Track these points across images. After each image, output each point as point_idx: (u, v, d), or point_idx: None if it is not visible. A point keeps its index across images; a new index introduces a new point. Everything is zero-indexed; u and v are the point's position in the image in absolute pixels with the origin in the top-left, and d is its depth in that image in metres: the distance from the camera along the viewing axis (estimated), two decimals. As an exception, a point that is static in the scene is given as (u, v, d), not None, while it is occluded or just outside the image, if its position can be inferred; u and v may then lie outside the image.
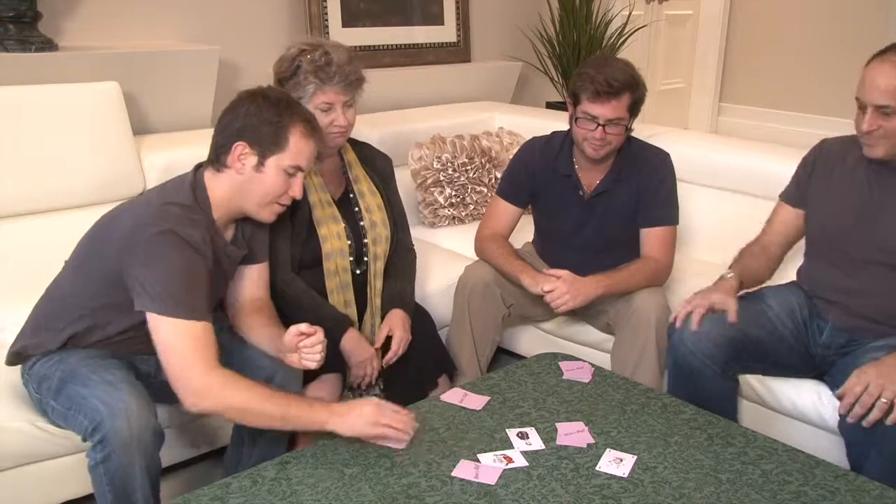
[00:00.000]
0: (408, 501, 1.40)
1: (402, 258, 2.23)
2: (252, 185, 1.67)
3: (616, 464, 1.54)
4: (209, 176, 1.69)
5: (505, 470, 1.50)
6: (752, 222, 2.21)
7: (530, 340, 2.57)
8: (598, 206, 2.27)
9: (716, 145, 2.84)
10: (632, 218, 2.26)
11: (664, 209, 2.24)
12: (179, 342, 1.53)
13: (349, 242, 2.09)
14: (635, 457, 1.56)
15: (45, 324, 1.71)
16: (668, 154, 2.29)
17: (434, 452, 1.55)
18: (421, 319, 2.20)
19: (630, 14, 3.94)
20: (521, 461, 1.53)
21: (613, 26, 3.93)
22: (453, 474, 1.48)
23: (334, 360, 1.94)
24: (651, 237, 2.25)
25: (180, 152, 2.56)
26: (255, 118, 1.64)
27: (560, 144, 2.30)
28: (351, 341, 2.00)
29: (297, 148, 1.67)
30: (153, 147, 2.55)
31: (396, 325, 2.07)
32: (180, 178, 1.73)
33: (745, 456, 1.57)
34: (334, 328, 1.97)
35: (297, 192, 1.71)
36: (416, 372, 2.12)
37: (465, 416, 1.70)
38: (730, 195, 2.67)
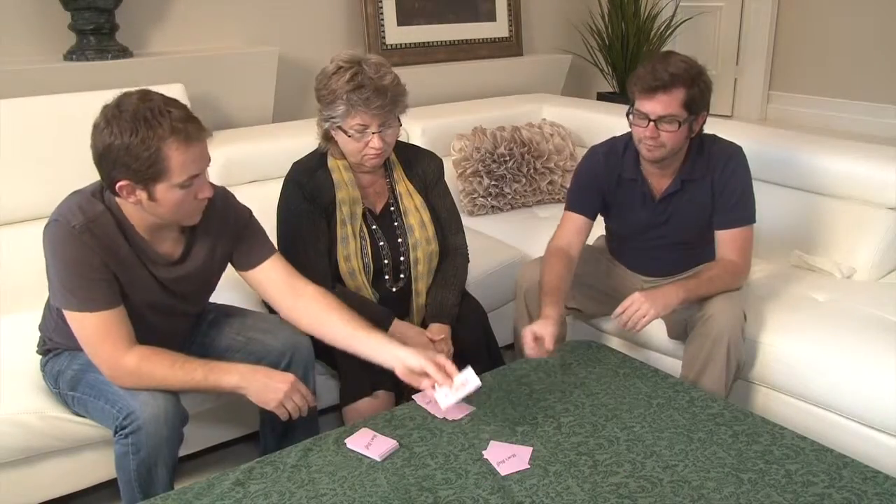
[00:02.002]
0: (420, 493, 1.33)
1: (450, 263, 2.04)
2: (155, 209, 1.48)
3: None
4: None
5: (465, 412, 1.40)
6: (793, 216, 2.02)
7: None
8: (668, 208, 2.04)
9: (762, 136, 2.63)
10: (706, 218, 2.04)
11: (738, 210, 1.99)
12: (83, 333, 1.48)
13: (364, 261, 1.92)
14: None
15: (44, 326, 1.71)
16: (739, 148, 2.02)
17: (453, 444, 1.47)
18: (472, 313, 2.03)
19: (678, 5, 3.74)
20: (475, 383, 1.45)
21: (661, 18, 3.74)
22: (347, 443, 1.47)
23: (388, 377, 1.79)
24: (726, 240, 2.01)
25: (240, 147, 2.56)
26: (122, 152, 1.38)
27: (623, 149, 2.07)
28: (399, 335, 1.86)
29: (180, 163, 1.42)
30: (216, 143, 2.54)
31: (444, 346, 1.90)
32: None
33: (769, 455, 1.44)
34: (378, 326, 1.85)
35: (204, 193, 1.50)
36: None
37: (489, 408, 1.61)
38: (772, 187, 2.47)
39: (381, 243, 1.96)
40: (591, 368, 1.78)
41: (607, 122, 3.02)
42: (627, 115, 1.96)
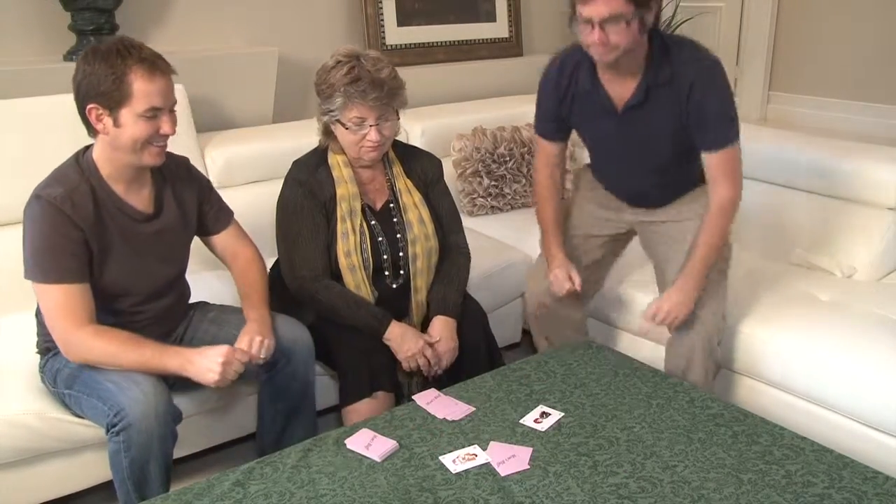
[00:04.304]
0: (420, 494, 1.32)
1: (452, 261, 2.04)
2: (119, 139, 1.56)
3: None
4: (93, 144, 1.64)
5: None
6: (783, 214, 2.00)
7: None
8: (635, 121, 1.89)
9: (762, 136, 2.63)
10: (680, 133, 1.88)
11: (721, 129, 1.83)
12: (46, 304, 1.55)
13: (363, 256, 1.92)
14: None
15: (39, 325, 1.73)
16: (716, 60, 1.83)
17: (453, 445, 1.47)
18: (472, 314, 2.03)
19: (678, 6, 3.73)
20: (483, 458, 1.43)
21: (661, 18, 3.72)
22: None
23: (388, 378, 1.85)
24: (713, 164, 1.87)
25: (240, 147, 2.56)
26: (93, 77, 1.52)
27: (578, 61, 1.92)
28: (395, 337, 1.87)
29: (143, 91, 1.52)
30: (216, 144, 2.55)
31: (436, 336, 1.90)
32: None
33: (769, 455, 1.44)
34: (375, 327, 1.87)
35: (167, 129, 1.58)
36: (469, 373, 1.89)
37: (489, 408, 1.61)
38: (773, 188, 2.48)
39: (380, 239, 1.96)
40: (591, 368, 1.78)
41: (607, 123, 3.02)
42: (570, 24, 1.80)
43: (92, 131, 1.60)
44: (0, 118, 2.13)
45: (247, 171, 2.53)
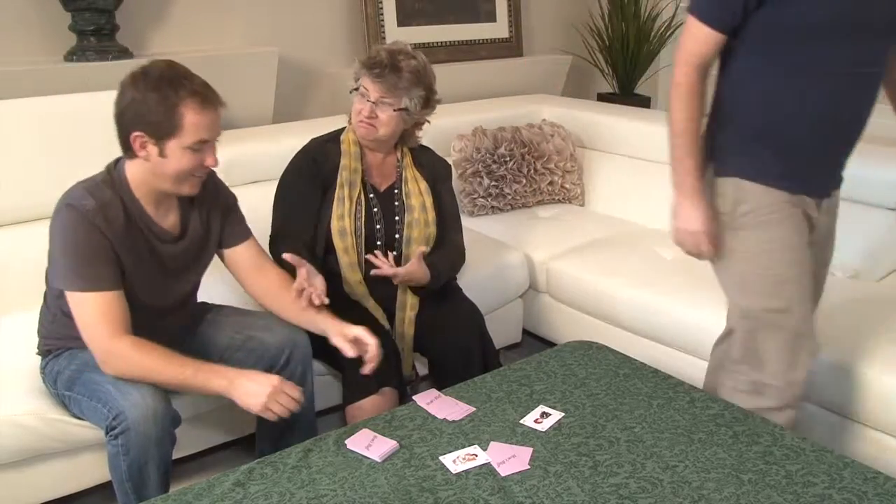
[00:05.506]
0: (420, 494, 1.32)
1: (448, 252, 2.08)
2: (161, 168, 1.54)
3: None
4: (127, 161, 1.60)
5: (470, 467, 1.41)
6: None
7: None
8: None
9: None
10: None
11: None
12: (83, 313, 1.52)
13: (356, 224, 1.97)
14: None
15: (42, 326, 1.72)
16: None
17: (454, 445, 1.47)
18: (467, 315, 2.04)
19: (678, 6, 3.73)
20: (483, 459, 1.42)
21: (661, 18, 3.74)
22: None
23: (394, 374, 1.87)
24: None
25: (240, 147, 2.55)
26: (143, 105, 1.47)
27: None
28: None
29: (194, 124, 1.49)
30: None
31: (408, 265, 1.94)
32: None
33: (769, 455, 1.43)
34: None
35: (210, 162, 1.57)
36: (463, 375, 1.89)
37: (489, 408, 1.61)
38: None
39: (375, 209, 2.02)
40: (592, 369, 1.78)
41: (608, 123, 3.02)
42: None
43: (131, 154, 1.56)
44: (0, 118, 2.13)
45: (247, 171, 2.52)
